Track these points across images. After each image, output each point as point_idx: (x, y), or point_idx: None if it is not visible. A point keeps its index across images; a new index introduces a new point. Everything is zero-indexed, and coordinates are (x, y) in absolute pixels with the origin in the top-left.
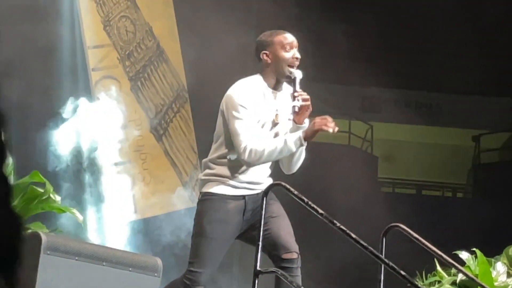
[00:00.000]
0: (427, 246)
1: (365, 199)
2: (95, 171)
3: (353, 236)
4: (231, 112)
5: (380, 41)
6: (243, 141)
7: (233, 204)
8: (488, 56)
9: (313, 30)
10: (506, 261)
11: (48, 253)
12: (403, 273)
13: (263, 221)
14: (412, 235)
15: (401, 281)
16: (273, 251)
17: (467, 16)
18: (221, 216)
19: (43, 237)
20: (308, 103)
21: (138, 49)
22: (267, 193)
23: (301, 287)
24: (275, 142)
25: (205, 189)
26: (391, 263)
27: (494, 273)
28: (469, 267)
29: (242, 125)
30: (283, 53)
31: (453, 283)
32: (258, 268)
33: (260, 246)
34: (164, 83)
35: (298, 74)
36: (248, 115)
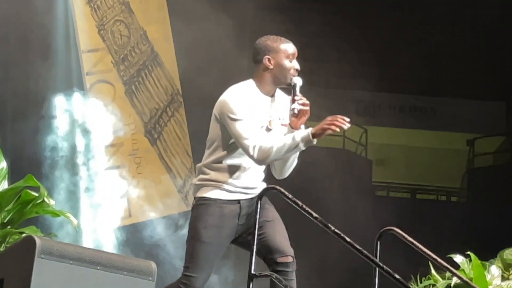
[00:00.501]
0: (422, 249)
1: (359, 203)
2: (89, 175)
3: (348, 239)
4: (229, 116)
5: (374, 46)
6: (250, 140)
7: (228, 208)
8: (482, 60)
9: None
10: (500, 264)
11: (42, 257)
12: (397, 276)
13: (257, 225)
14: (406, 239)
15: (396, 285)
16: (268, 255)
17: (461, 21)
18: (216, 220)
19: (38, 241)
20: (307, 108)
21: (132, 53)
22: (261, 197)
23: None
24: (283, 139)
25: (200, 194)
26: (385, 267)
27: (488, 277)
28: (463, 270)
29: (244, 126)
30: (287, 62)
31: (448, 287)
32: (252, 272)
33: (254, 250)
34: (158, 87)
35: (298, 81)
36: (245, 115)
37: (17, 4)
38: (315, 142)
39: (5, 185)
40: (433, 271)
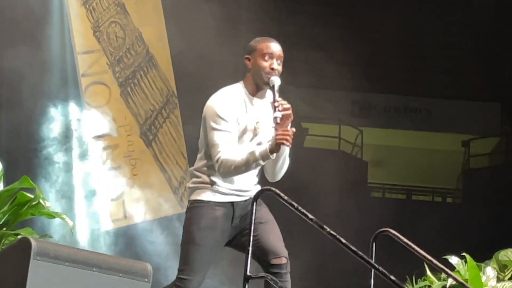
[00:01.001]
0: (417, 251)
1: (355, 204)
2: (85, 177)
3: (343, 241)
4: (210, 122)
5: (370, 47)
6: (218, 152)
7: (221, 211)
8: (477, 62)
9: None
10: (496, 265)
11: (38, 259)
12: (393, 278)
13: (253, 225)
14: (402, 240)
15: (391, 286)
16: (262, 256)
17: (456, 22)
18: (210, 223)
19: (33, 243)
20: (289, 112)
21: (127, 54)
22: (257, 199)
23: None
24: (246, 154)
25: (194, 197)
26: (381, 268)
27: (484, 278)
28: (459, 271)
29: (219, 137)
30: (261, 61)
31: None
32: (248, 273)
33: (250, 251)
34: (153, 88)
35: (276, 81)
36: (226, 126)
37: (13, 5)
38: (274, 156)
39: (0, 187)
40: (429, 272)
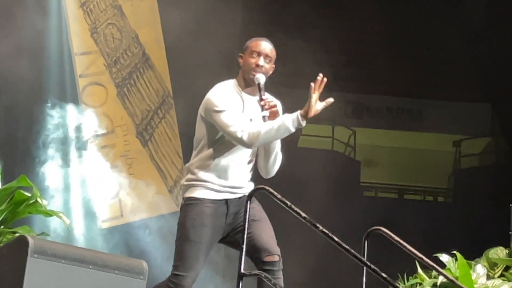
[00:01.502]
0: (408, 249)
1: (347, 203)
2: (82, 176)
3: (336, 239)
4: (213, 109)
5: (362, 49)
6: (236, 126)
7: (215, 208)
8: (468, 64)
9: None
10: (486, 263)
11: (35, 256)
12: (384, 275)
13: (247, 223)
14: (393, 238)
15: (383, 283)
16: (255, 254)
17: (448, 25)
18: (204, 220)
19: (30, 241)
20: (275, 109)
21: (124, 56)
22: (251, 197)
23: None
24: (271, 122)
25: (188, 194)
26: (373, 266)
27: (474, 276)
28: (449, 269)
29: (228, 116)
30: (249, 59)
31: (434, 285)
32: (242, 271)
33: (244, 249)
34: (149, 89)
35: (260, 78)
36: (230, 107)
37: (11, 7)
38: (305, 123)
39: None
40: (420, 270)
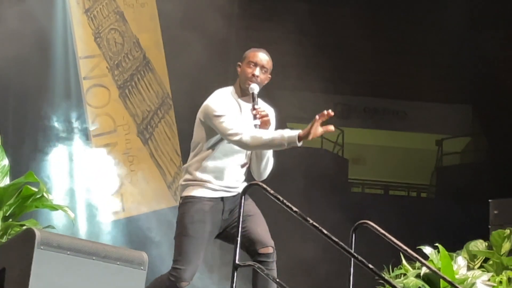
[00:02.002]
0: (393, 241)
1: (336, 198)
2: (86, 172)
3: (325, 232)
4: (213, 114)
5: (350, 54)
6: (237, 130)
7: (212, 205)
8: (450, 67)
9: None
10: (466, 255)
11: (41, 248)
12: (371, 266)
13: (241, 219)
14: (379, 231)
15: (370, 274)
16: (250, 246)
17: (431, 30)
18: (201, 216)
19: (37, 233)
20: (266, 118)
21: (126, 59)
22: (245, 193)
23: (277, 279)
24: (272, 133)
25: (186, 193)
26: (360, 257)
27: (455, 267)
28: (432, 261)
29: (228, 120)
30: (246, 68)
31: (417, 276)
32: (236, 262)
33: (239, 241)
34: (150, 91)
35: (254, 88)
36: (229, 112)
37: (18, 13)
38: (300, 144)
39: (7, 181)
40: (404, 262)
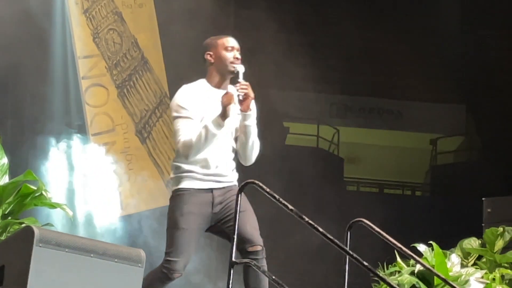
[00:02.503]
0: (388, 239)
1: (332, 197)
2: (84, 171)
3: (321, 230)
4: (172, 113)
5: (347, 53)
6: (179, 136)
7: (201, 197)
8: (444, 67)
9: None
10: (460, 253)
11: (40, 245)
12: (366, 264)
13: (238, 216)
14: (374, 229)
15: (365, 271)
16: (240, 244)
17: (425, 32)
18: (192, 208)
19: (36, 231)
20: (247, 90)
21: (124, 59)
22: (242, 191)
23: (273, 277)
24: (200, 129)
25: (175, 186)
26: (355, 255)
27: (449, 264)
28: (426, 258)
29: (180, 123)
30: (225, 53)
31: (412, 273)
32: (233, 259)
33: (235, 239)
34: (148, 90)
35: (241, 68)
36: (186, 113)
37: (17, 13)
38: (225, 123)
39: (6, 180)
40: (399, 259)
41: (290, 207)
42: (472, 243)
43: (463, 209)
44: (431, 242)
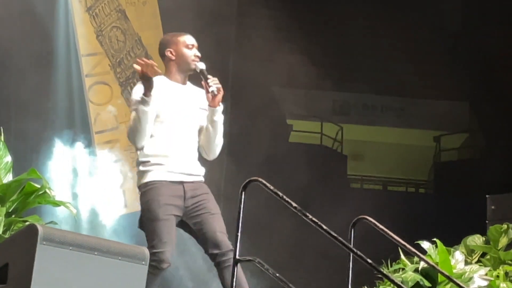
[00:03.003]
0: (392, 236)
1: (335, 194)
2: (89, 169)
3: (324, 227)
4: (130, 108)
5: (350, 51)
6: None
7: (173, 189)
8: (447, 64)
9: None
10: (464, 250)
11: (44, 243)
12: (370, 261)
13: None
14: (378, 227)
15: (369, 269)
16: (209, 249)
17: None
18: (166, 199)
19: (40, 229)
20: (220, 85)
21: (128, 56)
22: (245, 189)
23: (277, 274)
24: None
25: (145, 180)
26: (359, 252)
27: (453, 261)
28: (430, 255)
29: (134, 114)
30: (187, 51)
31: (416, 270)
32: (237, 257)
33: (239, 236)
34: None
35: (201, 65)
36: (137, 105)
37: (20, 11)
38: (149, 97)
39: (10, 178)
40: (402, 256)
41: (294, 204)
42: (476, 240)
43: (467, 206)
44: (435, 239)
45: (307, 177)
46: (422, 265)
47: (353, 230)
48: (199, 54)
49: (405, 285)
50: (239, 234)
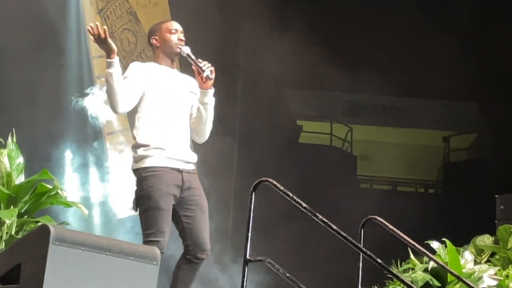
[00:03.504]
0: (402, 236)
1: (345, 194)
2: (99, 170)
3: (334, 227)
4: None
5: (359, 51)
6: None
7: (174, 178)
8: (456, 65)
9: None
10: (473, 250)
11: (56, 243)
12: (379, 261)
13: (251, 214)
14: (387, 227)
15: (378, 268)
16: (192, 248)
17: (436, 28)
18: (168, 189)
19: (52, 229)
20: (212, 68)
21: (139, 58)
22: (255, 189)
23: (287, 274)
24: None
25: (145, 164)
26: (368, 252)
27: (462, 261)
28: (439, 255)
29: (126, 82)
30: (170, 36)
31: (425, 270)
32: (247, 257)
33: (249, 237)
34: None
35: (186, 49)
36: (127, 80)
37: (32, 14)
38: (113, 59)
39: (22, 179)
40: (412, 256)
41: (304, 205)
42: (485, 240)
43: (476, 206)
44: (444, 239)
45: (317, 177)
46: (431, 265)
47: (363, 230)
48: (183, 38)
49: (415, 285)
50: (249, 234)
